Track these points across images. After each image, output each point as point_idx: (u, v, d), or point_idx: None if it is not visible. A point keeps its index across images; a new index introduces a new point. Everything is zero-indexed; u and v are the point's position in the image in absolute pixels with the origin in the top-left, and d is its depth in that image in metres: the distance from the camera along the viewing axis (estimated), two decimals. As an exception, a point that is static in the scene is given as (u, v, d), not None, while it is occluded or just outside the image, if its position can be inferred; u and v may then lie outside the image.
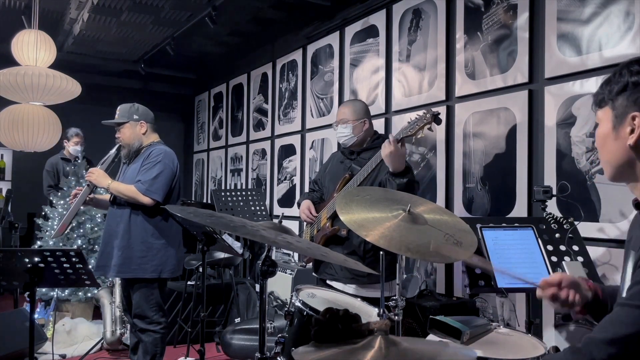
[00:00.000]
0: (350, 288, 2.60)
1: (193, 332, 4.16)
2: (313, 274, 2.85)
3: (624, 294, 1.14)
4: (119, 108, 3.20)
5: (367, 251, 2.57)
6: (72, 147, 5.40)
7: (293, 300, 1.92)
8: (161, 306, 3.12)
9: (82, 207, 3.30)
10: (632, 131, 1.13)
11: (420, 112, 2.40)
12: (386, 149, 2.38)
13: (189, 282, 4.46)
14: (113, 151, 3.21)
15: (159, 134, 3.27)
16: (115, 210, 3.12)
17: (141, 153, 3.15)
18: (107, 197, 3.26)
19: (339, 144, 4.52)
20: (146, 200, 2.98)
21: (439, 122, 2.37)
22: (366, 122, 2.75)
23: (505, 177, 3.12)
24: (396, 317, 1.87)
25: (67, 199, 4.54)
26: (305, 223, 2.91)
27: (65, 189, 4.86)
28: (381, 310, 1.75)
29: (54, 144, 4.80)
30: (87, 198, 3.15)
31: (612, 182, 1.25)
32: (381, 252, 1.81)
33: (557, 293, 1.35)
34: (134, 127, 3.14)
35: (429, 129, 2.38)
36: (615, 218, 2.59)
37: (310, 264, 2.93)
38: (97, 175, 3.07)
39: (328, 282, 2.70)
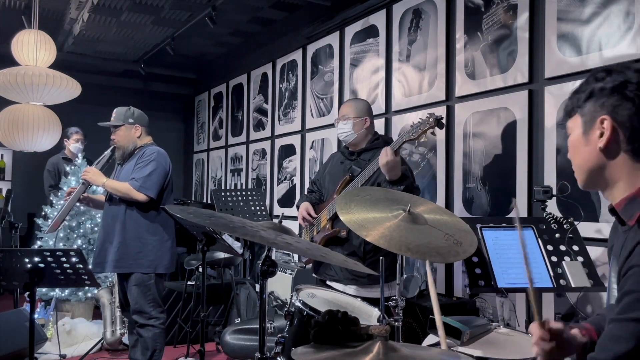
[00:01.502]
0: (351, 289, 2.60)
1: (193, 332, 4.16)
2: (313, 275, 2.85)
3: (612, 302, 1.14)
4: (115, 111, 3.29)
5: (368, 252, 2.57)
6: (73, 145, 5.40)
7: (293, 300, 1.92)
8: (158, 302, 3.19)
9: (82, 208, 3.35)
10: (601, 134, 1.15)
11: (423, 116, 2.39)
12: (383, 158, 2.40)
13: (189, 282, 4.46)
14: (108, 152, 3.32)
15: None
16: (111, 208, 3.22)
17: (134, 154, 3.26)
18: (102, 197, 3.36)
19: (339, 145, 4.51)
20: (140, 196, 3.07)
21: (441, 126, 2.36)
22: (367, 120, 2.74)
23: (505, 177, 3.12)
24: (396, 323, 1.87)
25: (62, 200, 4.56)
26: (303, 225, 2.90)
27: (65, 189, 4.85)
28: (381, 316, 1.75)
29: (54, 144, 4.79)
30: (82, 196, 3.24)
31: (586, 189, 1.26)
32: (381, 258, 1.82)
33: (546, 340, 1.24)
34: (128, 130, 3.24)
35: (432, 133, 2.38)
36: (615, 218, 2.58)
37: (310, 264, 2.93)
38: (93, 173, 3.17)
39: (328, 282, 2.69)
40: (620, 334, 1.05)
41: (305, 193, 3.06)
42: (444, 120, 2.39)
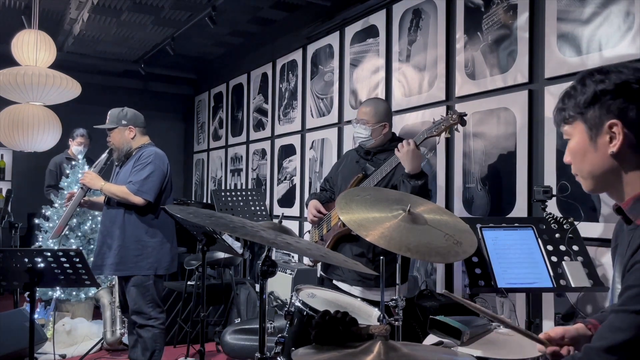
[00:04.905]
0: (357, 290, 2.59)
1: (193, 332, 4.16)
2: (321, 272, 2.83)
3: (615, 301, 1.14)
4: (109, 113, 3.31)
5: (377, 254, 2.52)
6: (75, 147, 5.45)
7: (293, 300, 1.92)
8: (157, 302, 3.20)
9: (77, 209, 3.38)
10: (611, 139, 1.13)
11: (445, 113, 2.37)
12: (404, 148, 2.38)
13: (189, 282, 4.46)
14: (105, 155, 3.34)
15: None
16: (110, 211, 3.23)
17: (132, 155, 3.26)
18: (101, 199, 3.36)
19: (339, 145, 4.51)
20: (137, 200, 3.08)
21: (464, 123, 2.34)
22: (386, 126, 2.71)
23: (505, 177, 3.12)
24: (396, 323, 1.87)
25: (63, 201, 4.56)
26: (312, 223, 2.89)
27: (65, 191, 4.85)
28: (381, 315, 1.75)
29: (54, 144, 4.79)
30: (82, 200, 3.27)
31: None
32: (381, 257, 1.82)
33: (558, 351, 1.33)
34: (122, 132, 3.25)
35: (456, 129, 2.36)
36: (615, 218, 2.57)
37: (319, 264, 2.91)
38: (91, 177, 3.18)
39: (335, 282, 2.69)
40: (619, 325, 1.05)
41: (317, 191, 3.04)
42: (466, 117, 2.37)
